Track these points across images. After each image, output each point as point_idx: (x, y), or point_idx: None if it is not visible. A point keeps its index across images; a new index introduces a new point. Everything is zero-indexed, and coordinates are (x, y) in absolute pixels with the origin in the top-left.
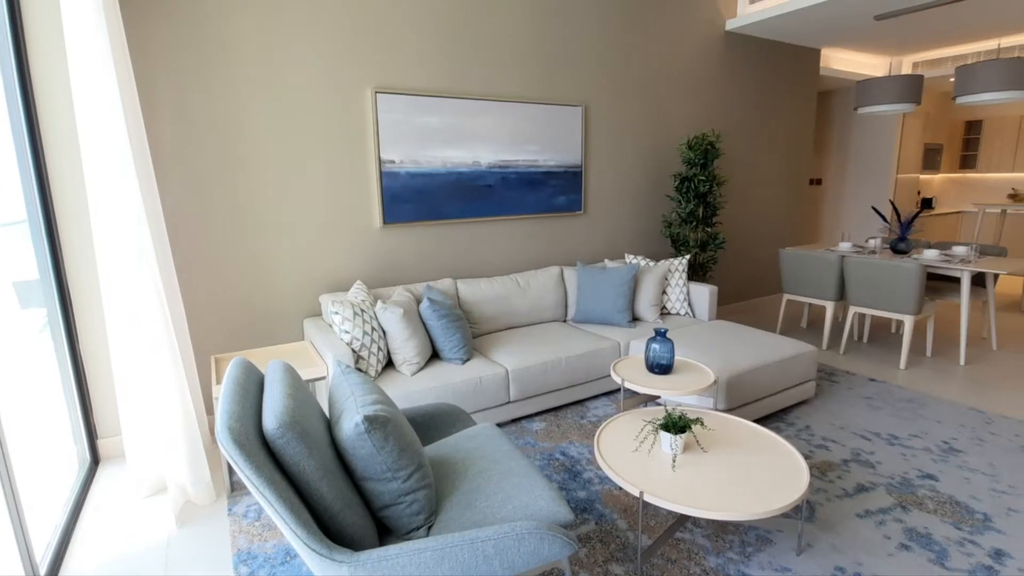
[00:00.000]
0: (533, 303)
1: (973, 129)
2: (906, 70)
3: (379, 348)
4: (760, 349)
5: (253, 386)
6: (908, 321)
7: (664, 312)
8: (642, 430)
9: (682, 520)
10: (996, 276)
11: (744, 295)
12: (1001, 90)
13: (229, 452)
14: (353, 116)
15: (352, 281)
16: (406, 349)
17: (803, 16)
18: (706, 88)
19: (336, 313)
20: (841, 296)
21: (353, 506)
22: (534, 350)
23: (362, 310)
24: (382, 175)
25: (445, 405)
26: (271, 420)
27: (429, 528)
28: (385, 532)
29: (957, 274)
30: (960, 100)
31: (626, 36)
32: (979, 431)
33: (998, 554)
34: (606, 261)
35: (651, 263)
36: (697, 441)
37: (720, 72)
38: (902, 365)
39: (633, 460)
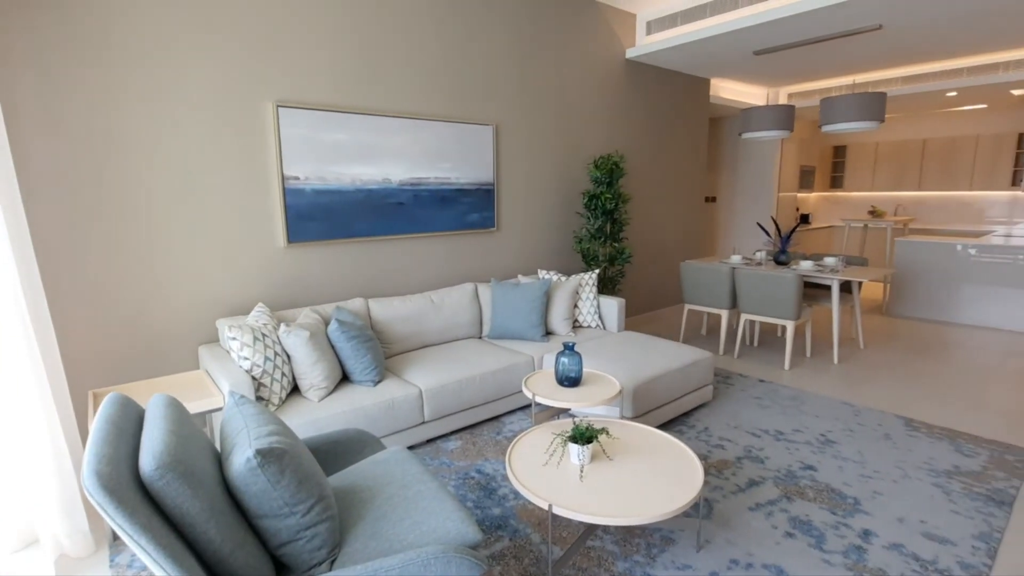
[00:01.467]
0: (448, 321)
1: (839, 153)
2: (783, 100)
3: (283, 374)
4: (663, 357)
5: (131, 424)
6: (790, 326)
7: (576, 325)
8: (551, 443)
9: (592, 529)
10: (860, 283)
11: (650, 306)
12: (856, 120)
13: (97, 499)
14: (253, 130)
15: (253, 304)
16: (313, 374)
17: (692, 49)
18: (611, 111)
19: (234, 339)
20: (734, 304)
21: (246, 546)
22: (449, 368)
23: (264, 334)
24: (286, 192)
25: (352, 431)
26: (148, 461)
27: (332, 563)
28: (285, 571)
29: (828, 282)
30: (825, 128)
31: (534, 59)
32: (850, 423)
33: (866, 534)
34: (520, 277)
35: (563, 278)
36: (603, 450)
37: (623, 97)
38: (786, 366)
39: (543, 474)
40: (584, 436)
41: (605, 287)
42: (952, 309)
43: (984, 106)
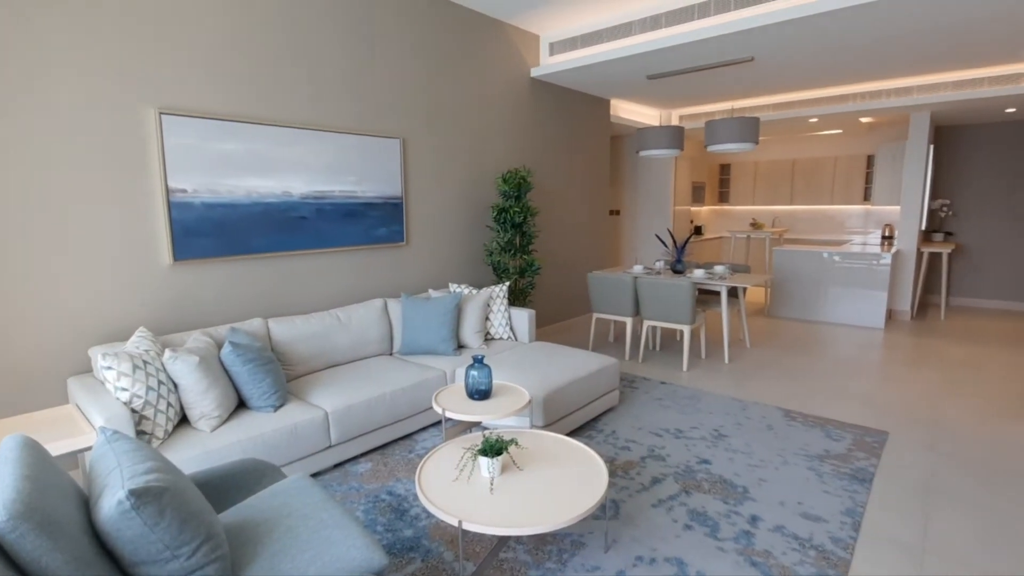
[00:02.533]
0: (356, 338)
1: (725, 171)
2: (675, 121)
3: (169, 404)
4: (572, 366)
5: None
6: (686, 330)
7: (488, 337)
8: (462, 458)
9: (504, 540)
10: (745, 288)
11: (561, 316)
12: (735, 141)
13: None
14: (131, 138)
15: (134, 328)
16: (204, 402)
17: (591, 71)
18: (518, 127)
19: (109, 368)
20: (637, 312)
21: None
22: (357, 387)
23: (145, 362)
24: (171, 205)
25: (249, 461)
26: None
27: None
28: None
29: (718, 288)
30: (710, 148)
31: (441, 74)
32: (739, 417)
33: (753, 519)
34: (430, 291)
35: (474, 291)
36: (513, 461)
37: (529, 114)
38: (684, 368)
39: (453, 489)
40: (494, 448)
41: (516, 299)
42: (821, 309)
43: (840, 131)
